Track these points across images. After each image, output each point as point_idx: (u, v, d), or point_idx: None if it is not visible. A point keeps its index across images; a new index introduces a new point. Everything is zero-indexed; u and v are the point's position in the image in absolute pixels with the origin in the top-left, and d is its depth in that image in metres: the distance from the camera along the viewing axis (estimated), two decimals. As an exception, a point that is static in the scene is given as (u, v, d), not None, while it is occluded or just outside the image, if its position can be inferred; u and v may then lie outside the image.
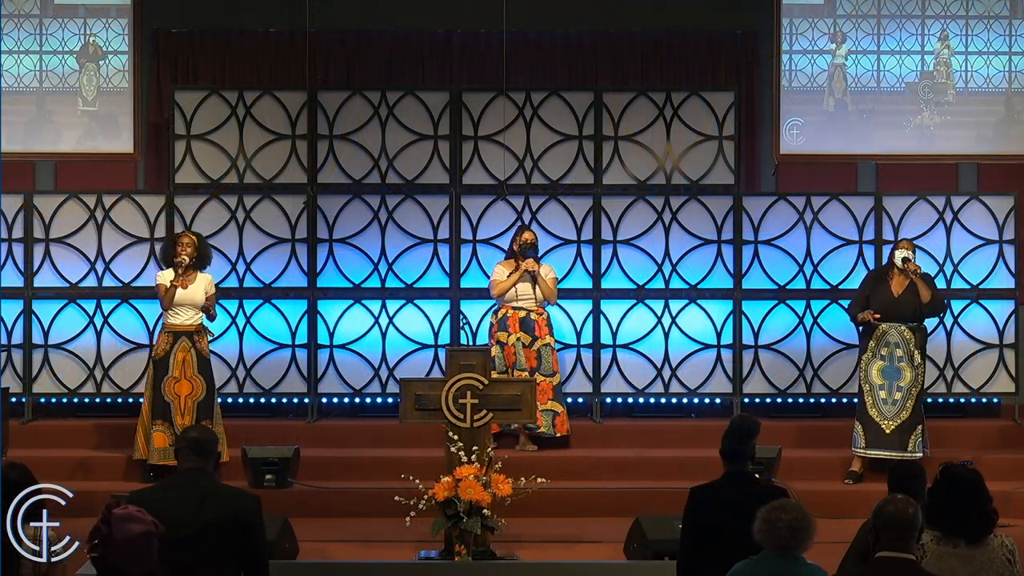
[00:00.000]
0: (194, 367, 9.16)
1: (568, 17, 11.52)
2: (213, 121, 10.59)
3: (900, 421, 9.39)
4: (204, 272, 9.30)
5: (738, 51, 11.60)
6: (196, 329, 9.22)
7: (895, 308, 9.43)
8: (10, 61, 11.43)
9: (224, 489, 5.42)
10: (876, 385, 9.44)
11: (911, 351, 9.44)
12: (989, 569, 5.21)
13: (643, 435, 10.19)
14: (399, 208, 10.55)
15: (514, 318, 9.76)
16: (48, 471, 7.35)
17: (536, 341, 9.77)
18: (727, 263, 10.55)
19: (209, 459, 5.42)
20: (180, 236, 9.34)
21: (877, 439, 9.39)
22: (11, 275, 10.44)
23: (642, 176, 10.63)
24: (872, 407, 9.43)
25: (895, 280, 9.51)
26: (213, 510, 5.19)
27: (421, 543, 7.99)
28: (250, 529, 5.25)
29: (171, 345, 9.16)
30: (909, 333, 9.45)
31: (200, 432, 5.51)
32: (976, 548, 5.23)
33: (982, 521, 5.28)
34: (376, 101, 10.61)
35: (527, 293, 9.78)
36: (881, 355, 9.45)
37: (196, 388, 9.17)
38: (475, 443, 7.72)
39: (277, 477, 9.12)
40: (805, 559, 4.83)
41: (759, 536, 4.81)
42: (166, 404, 9.11)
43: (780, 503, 4.88)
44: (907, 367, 9.42)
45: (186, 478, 5.34)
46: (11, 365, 10.40)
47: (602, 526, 8.70)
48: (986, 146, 11.61)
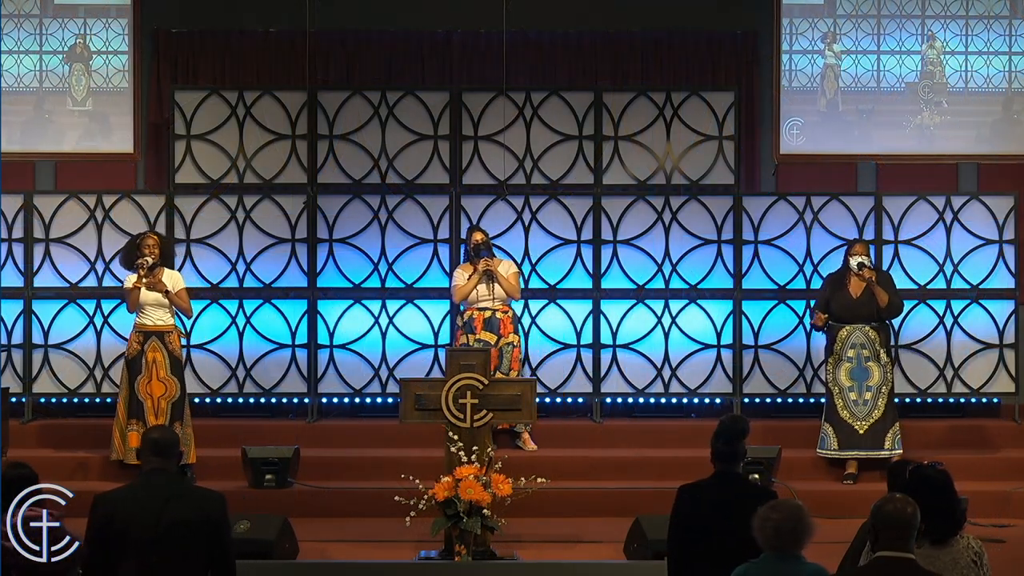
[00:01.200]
0: (167, 368, 9.16)
1: (568, 17, 11.52)
2: (213, 121, 10.59)
3: (872, 420, 9.45)
4: (171, 270, 9.29)
5: (738, 51, 11.60)
6: (167, 329, 9.21)
7: (855, 310, 9.50)
8: (10, 61, 11.44)
9: (189, 489, 5.39)
10: (845, 387, 9.50)
11: (876, 350, 9.49)
12: (954, 569, 5.22)
13: (643, 435, 10.19)
14: (399, 208, 10.55)
15: (479, 319, 9.68)
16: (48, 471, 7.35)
17: (500, 339, 9.70)
18: (727, 263, 10.55)
19: (171, 459, 5.37)
20: (143, 237, 9.32)
21: (850, 440, 9.45)
22: (11, 275, 10.44)
23: (642, 176, 10.63)
24: (843, 409, 9.49)
25: (853, 282, 9.54)
26: (177, 510, 5.17)
27: (421, 543, 7.99)
28: (216, 529, 5.22)
29: (142, 345, 9.16)
30: (873, 333, 9.51)
31: (160, 433, 5.44)
32: (940, 548, 5.26)
33: (947, 522, 5.29)
34: (376, 101, 10.61)
35: (485, 294, 9.64)
36: (848, 357, 9.51)
37: (170, 389, 9.16)
38: (475, 443, 7.72)
39: (277, 477, 9.12)
40: (806, 559, 4.83)
41: (756, 536, 4.82)
42: (139, 403, 9.11)
43: (775, 503, 4.88)
44: (875, 366, 9.48)
45: (150, 478, 5.30)
46: (11, 365, 10.40)
47: (602, 526, 8.70)
48: (986, 146, 11.61)
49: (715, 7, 11.53)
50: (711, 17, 11.54)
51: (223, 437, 9.87)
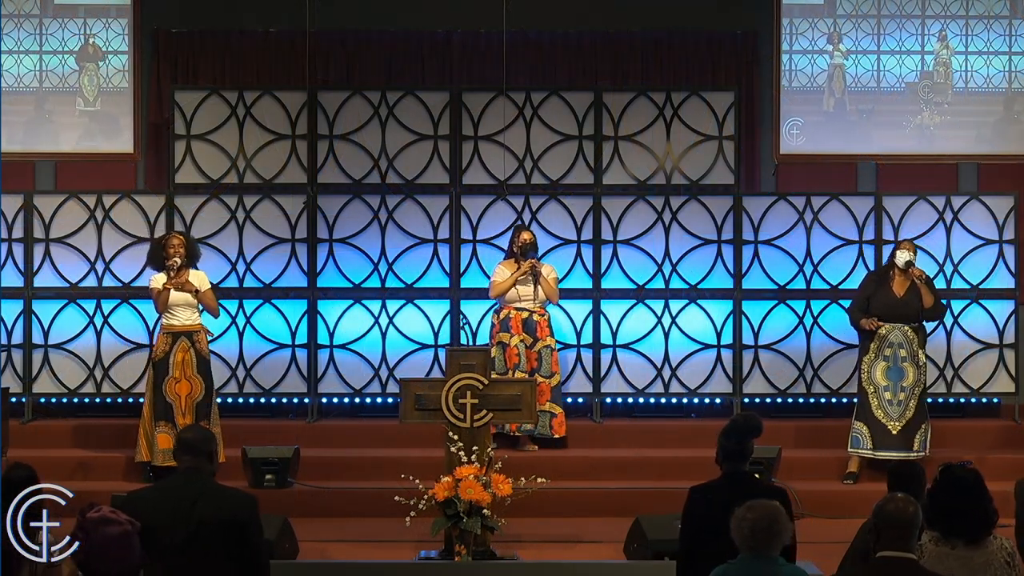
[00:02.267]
0: (193, 367, 9.16)
1: (568, 17, 11.52)
2: (213, 121, 10.59)
3: (905, 421, 9.40)
4: (196, 270, 9.29)
5: (738, 51, 11.60)
6: (195, 329, 9.22)
7: (898, 309, 9.44)
8: (10, 61, 11.44)
9: (220, 489, 5.40)
10: (881, 386, 9.44)
11: (914, 351, 9.45)
12: (987, 571, 5.19)
13: (643, 435, 10.19)
14: (399, 208, 10.55)
15: (517, 319, 9.76)
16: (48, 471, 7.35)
17: (537, 342, 9.76)
18: (727, 263, 10.55)
19: (204, 459, 5.40)
20: (168, 238, 9.32)
21: (883, 440, 9.38)
22: (11, 275, 10.44)
23: (642, 176, 10.63)
24: (877, 408, 9.42)
25: (896, 281, 9.51)
26: (208, 510, 5.17)
27: (421, 543, 8.00)
28: (246, 529, 5.23)
29: (170, 346, 9.16)
30: (912, 333, 9.46)
31: (195, 433, 5.49)
32: (975, 549, 5.22)
33: (981, 522, 5.26)
34: (376, 101, 10.61)
35: (529, 294, 9.76)
36: (884, 356, 9.45)
37: (195, 388, 9.17)
38: (475, 443, 7.72)
39: (277, 477, 9.12)
40: (783, 560, 4.81)
41: (733, 536, 4.80)
42: (168, 405, 9.11)
43: (750, 503, 4.85)
44: (911, 367, 9.43)
45: (182, 479, 5.33)
46: (11, 365, 10.40)
47: (602, 526, 8.70)
48: (986, 146, 11.61)
49: (715, 7, 11.53)
50: (711, 17, 11.54)
51: (223, 437, 9.85)
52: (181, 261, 9.13)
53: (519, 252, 9.79)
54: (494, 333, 9.85)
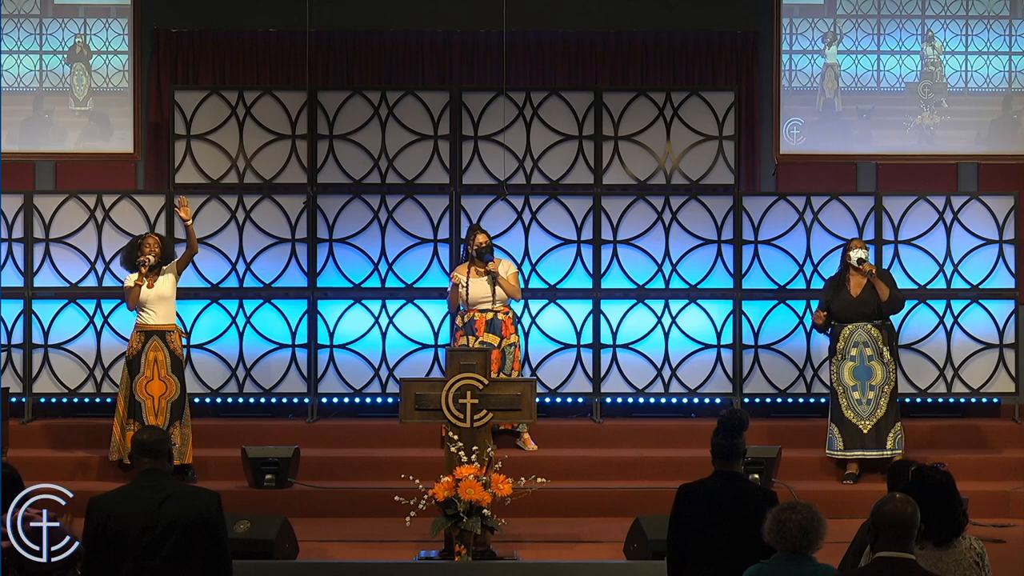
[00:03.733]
0: (167, 367, 9.16)
1: (568, 17, 11.52)
2: (213, 121, 10.59)
3: (876, 420, 9.44)
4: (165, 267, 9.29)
5: (738, 51, 11.60)
6: (168, 328, 9.21)
7: (857, 308, 9.50)
8: (10, 61, 11.44)
9: (184, 489, 5.38)
10: (849, 386, 9.49)
11: (880, 348, 9.49)
12: (956, 571, 5.22)
13: (643, 435, 10.19)
14: (399, 208, 10.55)
15: (481, 320, 9.66)
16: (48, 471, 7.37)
17: (503, 341, 9.69)
18: (727, 263, 10.55)
19: (163, 459, 5.36)
20: (144, 238, 9.33)
21: (855, 440, 9.45)
22: (11, 275, 10.44)
23: (642, 176, 10.63)
24: (847, 408, 9.48)
25: (853, 281, 9.55)
26: (174, 510, 5.16)
27: (421, 543, 8.00)
28: (211, 527, 5.22)
29: (142, 344, 9.17)
30: (876, 331, 9.51)
31: (149, 434, 5.42)
32: (943, 550, 5.25)
33: (950, 524, 5.29)
34: (376, 101, 10.61)
35: (486, 295, 9.58)
36: (850, 356, 9.50)
37: (169, 388, 9.16)
38: (475, 443, 7.72)
39: (277, 477, 9.12)
40: (816, 559, 4.83)
41: (769, 537, 4.81)
42: (138, 404, 9.11)
43: (790, 503, 4.88)
44: (877, 364, 9.48)
45: (145, 479, 5.29)
46: (11, 365, 10.40)
47: (602, 526, 8.71)
48: (986, 146, 11.62)
49: (715, 7, 11.53)
50: (711, 17, 11.54)
51: (223, 437, 9.88)
52: (155, 260, 9.13)
53: (475, 254, 9.70)
54: (458, 336, 9.72)
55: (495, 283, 9.58)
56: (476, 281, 9.59)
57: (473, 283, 9.56)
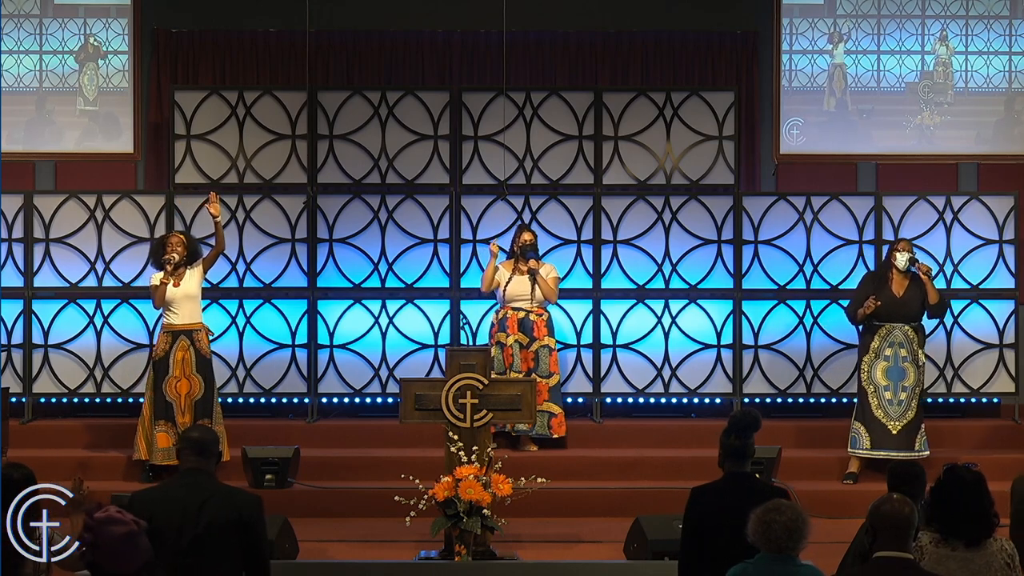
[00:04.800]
0: (193, 365, 9.16)
1: (568, 17, 11.52)
2: (213, 121, 10.60)
3: (906, 421, 9.40)
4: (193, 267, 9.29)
5: (738, 51, 11.60)
6: (195, 328, 9.22)
7: (899, 308, 9.44)
8: (10, 61, 11.44)
9: (225, 489, 5.41)
10: (881, 386, 9.44)
11: (915, 351, 9.45)
12: (987, 573, 5.19)
13: (643, 435, 10.19)
14: (399, 208, 10.55)
15: (513, 319, 9.76)
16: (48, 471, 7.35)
17: (534, 342, 9.75)
18: (727, 263, 10.55)
19: (210, 459, 5.42)
20: (169, 236, 9.35)
21: (883, 440, 9.37)
22: (11, 275, 10.44)
23: (642, 176, 10.63)
24: (877, 408, 9.41)
25: (895, 280, 9.51)
26: (214, 510, 5.19)
27: (421, 543, 8.00)
28: (251, 529, 5.24)
29: (170, 345, 9.17)
30: (912, 333, 9.46)
31: (201, 432, 5.50)
32: (975, 551, 5.21)
33: (982, 524, 5.26)
34: (376, 101, 10.61)
35: (524, 294, 9.75)
36: (885, 355, 9.45)
37: (194, 387, 9.17)
38: (475, 443, 7.72)
39: (277, 477, 9.13)
40: (800, 560, 4.83)
41: (753, 538, 4.80)
42: (168, 404, 9.12)
43: (774, 503, 4.87)
44: (911, 366, 9.43)
45: (187, 478, 5.34)
46: (11, 365, 10.40)
47: (602, 526, 8.71)
48: (986, 146, 11.62)
49: (715, 7, 11.53)
50: (711, 17, 11.53)
51: (227, 436, 9.85)
52: (179, 258, 9.14)
53: (519, 252, 9.80)
54: (493, 333, 9.85)
55: (534, 281, 9.64)
56: (517, 278, 9.76)
57: (514, 280, 9.73)
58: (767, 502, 4.90)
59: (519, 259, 9.81)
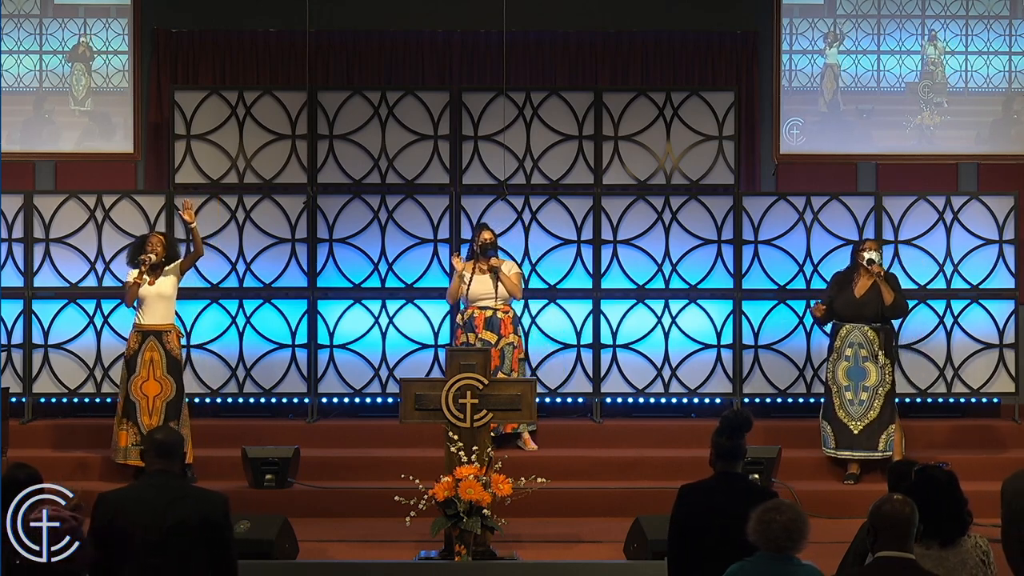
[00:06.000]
0: (163, 367, 9.15)
1: (568, 17, 11.52)
2: (213, 121, 10.60)
3: (868, 421, 9.46)
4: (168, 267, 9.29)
5: (738, 51, 11.60)
6: (165, 329, 9.21)
7: (858, 309, 9.50)
8: (10, 61, 11.44)
9: (191, 490, 5.38)
10: (842, 386, 9.51)
11: (875, 351, 9.49)
12: (962, 570, 5.22)
13: (643, 435, 10.19)
14: (399, 208, 10.55)
15: (480, 318, 9.69)
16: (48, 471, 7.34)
17: (501, 340, 9.70)
18: (727, 263, 10.55)
19: (175, 461, 5.37)
20: (150, 236, 9.35)
21: (847, 440, 9.47)
22: (11, 275, 10.44)
23: (642, 176, 10.63)
24: (839, 408, 9.50)
25: (859, 281, 9.55)
26: (181, 512, 5.16)
27: (421, 543, 8.00)
28: (218, 530, 5.21)
29: (139, 344, 9.17)
30: (872, 333, 9.51)
31: (165, 434, 5.43)
32: (949, 549, 5.25)
33: (956, 523, 5.29)
34: (376, 101, 10.61)
35: (488, 292, 9.65)
36: (845, 356, 9.51)
37: (165, 388, 9.16)
38: (475, 443, 7.72)
39: (277, 477, 9.13)
40: (800, 560, 4.83)
41: (753, 537, 4.80)
42: (132, 403, 9.12)
43: (774, 503, 4.87)
44: (872, 366, 9.48)
45: (155, 480, 5.29)
46: (11, 365, 10.40)
47: (602, 526, 8.71)
48: (986, 146, 11.62)
49: (715, 7, 11.53)
50: (711, 17, 11.53)
51: (223, 437, 9.88)
52: (156, 259, 9.14)
53: (479, 251, 9.73)
54: (458, 334, 9.75)
55: (497, 279, 9.60)
56: (479, 278, 9.66)
57: (476, 279, 9.62)
58: (766, 502, 4.90)
59: (479, 258, 9.75)
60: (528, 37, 11.49)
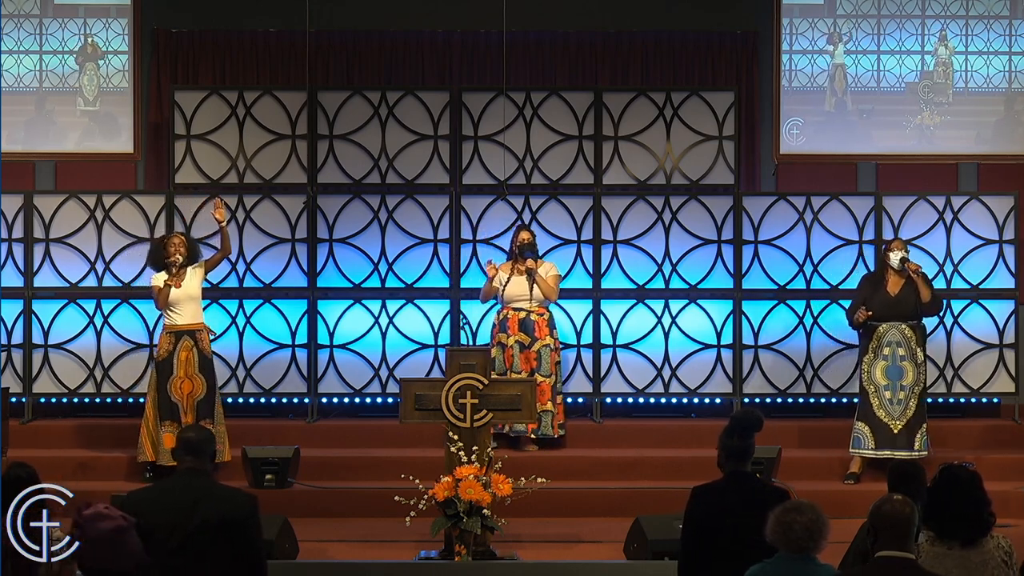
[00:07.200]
0: (195, 365, 9.17)
1: (568, 17, 11.52)
2: (213, 121, 10.60)
3: (906, 420, 9.40)
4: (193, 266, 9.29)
5: (738, 51, 11.60)
6: (197, 328, 9.23)
7: (894, 308, 9.45)
8: (10, 61, 11.44)
9: (219, 489, 5.39)
10: (881, 385, 9.45)
11: (913, 349, 9.45)
12: (984, 571, 5.20)
13: (643, 435, 10.19)
14: (399, 208, 10.55)
15: (514, 319, 9.76)
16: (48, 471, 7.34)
17: (535, 342, 9.75)
18: (727, 263, 10.55)
19: (205, 459, 5.40)
20: (170, 238, 9.34)
21: (886, 439, 9.37)
22: (11, 275, 10.44)
23: (642, 176, 10.63)
24: (879, 408, 9.42)
25: (891, 280, 9.52)
26: (208, 510, 5.16)
27: (421, 543, 8.00)
28: (245, 529, 5.21)
29: (173, 345, 9.17)
30: (909, 331, 9.47)
31: (196, 432, 5.48)
32: (971, 550, 5.23)
33: (978, 523, 5.27)
34: (376, 101, 10.61)
35: (523, 293, 9.74)
36: (883, 355, 9.45)
37: (196, 386, 9.17)
38: (475, 443, 7.72)
39: (277, 477, 9.13)
40: (818, 560, 4.82)
41: (772, 538, 4.79)
42: (173, 405, 9.12)
43: (794, 504, 4.86)
44: (909, 365, 9.44)
45: (182, 479, 5.32)
46: (11, 365, 10.40)
47: (602, 526, 8.71)
48: (986, 146, 11.61)
49: (715, 7, 11.53)
50: (711, 17, 11.53)
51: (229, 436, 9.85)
52: (183, 259, 9.15)
53: (517, 252, 9.79)
54: (494, 333, 9.85)
55: (533, 281, 9.63)
56: (516, 279, 9.74)
57: (513, 280, 9.71)
58: (783, 502, 4.89)
59: (517, 259, 9.80)
60: (528, 37, 11.49)
